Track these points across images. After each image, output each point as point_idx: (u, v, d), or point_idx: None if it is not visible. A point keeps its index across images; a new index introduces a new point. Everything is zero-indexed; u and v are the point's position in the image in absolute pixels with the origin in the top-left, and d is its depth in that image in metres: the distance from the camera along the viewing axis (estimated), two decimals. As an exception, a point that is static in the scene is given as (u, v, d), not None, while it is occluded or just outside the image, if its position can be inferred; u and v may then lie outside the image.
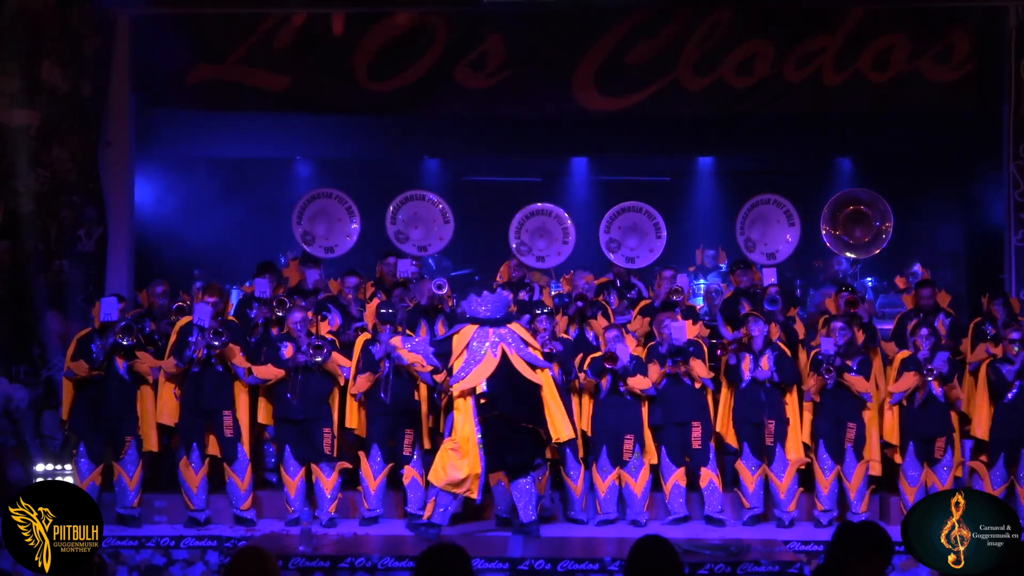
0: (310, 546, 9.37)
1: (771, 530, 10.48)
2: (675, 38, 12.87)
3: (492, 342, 9.78)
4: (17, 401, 11.60)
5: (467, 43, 12.92)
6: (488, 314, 9.88)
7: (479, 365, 9.73)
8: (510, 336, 9.85)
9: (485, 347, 9.77)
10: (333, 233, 13.33)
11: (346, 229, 13.33)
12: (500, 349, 9.76)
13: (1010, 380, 10.46)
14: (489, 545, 9.70)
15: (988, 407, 10.58)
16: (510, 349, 9.78)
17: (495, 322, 9.87)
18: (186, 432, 10.50)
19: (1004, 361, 10.53)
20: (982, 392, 10.59)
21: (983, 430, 10.56)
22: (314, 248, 13.14)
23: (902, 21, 12.78)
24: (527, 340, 9.92)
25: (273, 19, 12.88)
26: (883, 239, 12.82)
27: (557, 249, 13.16)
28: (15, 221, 12.15)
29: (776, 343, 10.77)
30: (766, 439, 10.54)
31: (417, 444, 10.57)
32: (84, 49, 12.55)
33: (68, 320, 12.12)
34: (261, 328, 10.99)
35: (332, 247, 13.29)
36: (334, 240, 13.31)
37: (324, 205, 13.39)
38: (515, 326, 9.99)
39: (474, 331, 9.84)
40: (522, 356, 9.81)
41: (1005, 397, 10.50)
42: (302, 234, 13.21)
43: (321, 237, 13.26)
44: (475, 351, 9.77)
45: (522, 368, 9.78)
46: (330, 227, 13.33)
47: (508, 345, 9.79)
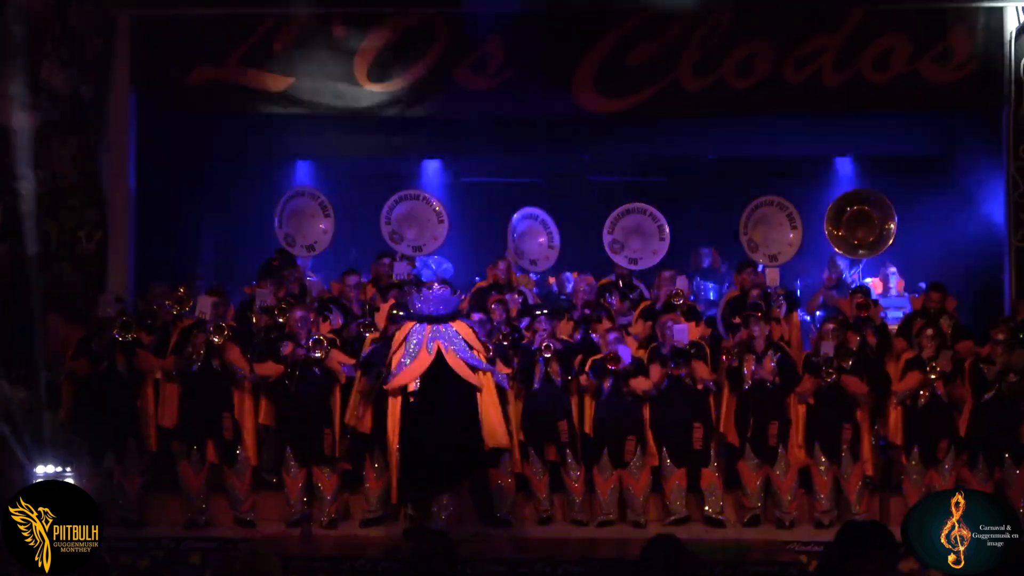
0: (310, 547, 9.37)
1: (771, 531, 10.48)
2: (675, 39, 12.85)
3: (429, 339, 9.46)
4: (17, 402, 11.60)
5: (467, 44, 12.92)
6: (429, 311, 9.58)
7: (413, 362, 9.45)
8: (450, 335, 9.51)
9: (421, 344, 9.47)
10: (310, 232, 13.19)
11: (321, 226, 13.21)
12: (436, 347, 9.44)
13: (991, 380, 10.44)
14: (488, 546, 9.71)
15: (969, 406, 10.59)
16: (446, 348, 9.45)
17: (435, 319, 9.54)
18: (186, 434, 10.49)
19: (987, 361, 10.52)
20: (967, 391, 10.60)
21: (962, 428, 10.57)
22: (297, 249, 13.01)
23: (902, 22, 12.76)
24: (470, 341, 9.58)
25: (273, 20, 12.89)
26: (887, 239, 12.81)
27: (546, 254, 13.11)
28: (15, 222, 12.14)
29: (779, 343, 10.77)
30: (768, 440, 10.54)
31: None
32: (84, 50, 12.54)
33: (68, 322, 12.10)
34: (263, 333, 10.98)
35: (312, 245, 13.17)
36: (313, 238, 13.19)
37: (301, 204, 13.26)
38: (459, 325, 9.62)
39: (412, 327, 9.56)
40: (461, 356, 9.47)
41: (983, 396, 10.50)
42: (285, 237, 13.06)
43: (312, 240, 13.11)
44: (411, 348, 9.48)
45: (458, 368, 9.43)
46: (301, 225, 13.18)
47: (444, 344, 9.46)
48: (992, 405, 10.46)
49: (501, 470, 10.42)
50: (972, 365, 10.56)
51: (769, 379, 10.54)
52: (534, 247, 13.11)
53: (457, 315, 9.78)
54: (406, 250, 12.93)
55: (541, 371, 10.67)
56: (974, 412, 10.53)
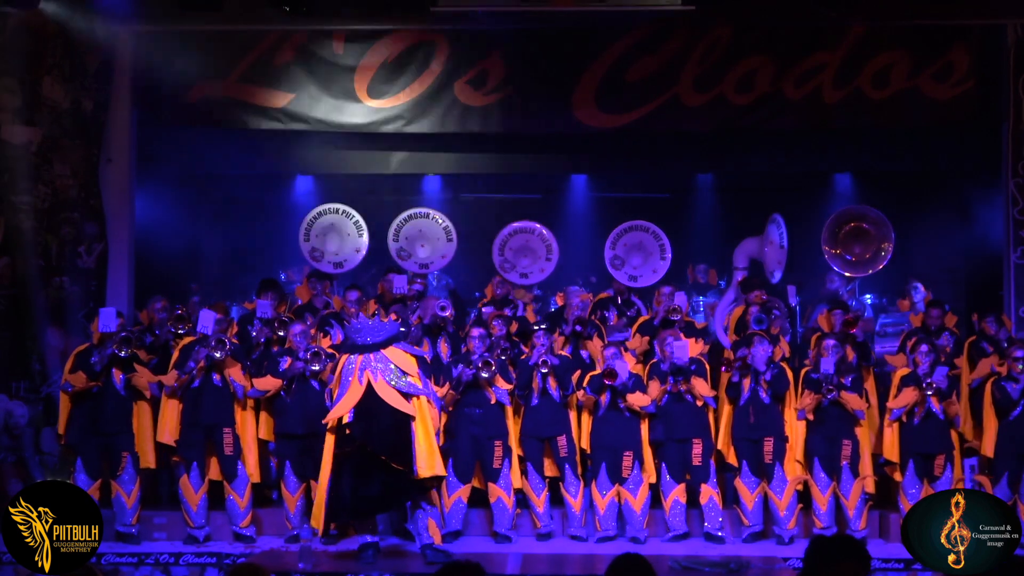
0: (310, 563, 9.36)
1: (770, 547, 10.47)
2: (675, 55, 12.88)
3: (359, 369, 9.37)
4: (17, 417, 11.61)
5: (467, 60, 12.95)
6: (362, 340, 9.47)
7: (345, 394, 9.37)
8: (381, 363, 9.39)
9: (352, 375, 9.38)
10: (343, 248, 13.23)
11: (355, 244, 13.25)
12: (366, 376, 9.35)
13: (1015, 398, 10.45)
14: (488, 562, 9.69)
15: (994, 424, 10.57)
16: (375, 377, 9.33)
17: (368, 348, 9.43)
18: (186, 449, 10.48)
19: (1009, 379, 10.52)
20: (989, 409, 10.57)
21: (990, 448, 10.55)
22: (323, 264, 13.08)
23: (902, 38, 12.78)
24: (403, 367, 9.44)
25: (274, 36, 12.92)
26: (883, 257, 12.80)
27: (540, 266, 13.10)
28: (16, 237, 12.16)
29: (779, 363, 10.76)
30: (765, 457, 10.54)
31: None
32: (86, 65, 12.58)
33: (68, 336, 12.12)
34: (263, 347, 10.99)
35: (342, 262, 13.21)
36: (344, 255, 13.22)
37: (332, 221, 13.30)
38: (392, 351, 9.47)
39: (346, 359, 9.50)
40: (392, 384, 9.36)
41: (1010, 415, 10.50)
42: (310, 250, 13.14)
43: (331, 253, 13.17)
44: (345, 380, 9.42)
45: (389, 397, 9.33)
46: (341, 243, 13.24)
47: (374, 373, 9.35)
48: (1021, 422, 10.45)
49: (500, 486, 10.45)
50: (994, 384, 10.55)
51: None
52: (525, 261, 13.08)
53: (392, 341, 9.58)
54: (414, 267, 12.95)
55: (539, 386, 10.67)
56: (1001, 429, 10.50)
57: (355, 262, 13.22)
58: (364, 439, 9.33)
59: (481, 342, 10.60)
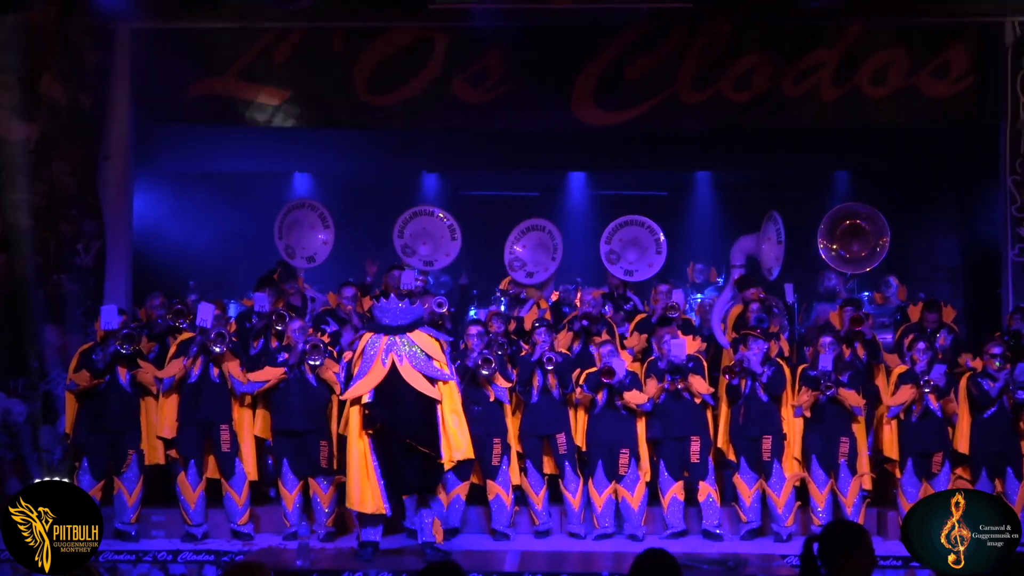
0: (307, 560, 9.37)
1: (768, 544, 10.48)
2: (673, 52, 12.88)
3: (384, 350, 9.41)
4: (15, 415, 11.60)
5: (466, 58, 12.95)
6: (387, 321, 9.51)
7: (367, 374, 9.40)
8: (407, 345, 9.43)
9: (376, 355, 9.41)
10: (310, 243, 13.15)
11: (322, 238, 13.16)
12: (391, 359, 9.40)
13: (993, 396, 10.43)
14: (486, 559, 9.70)
15: (968, 421, 10.54)
16: (400, 360, 9.37)
17: (394, 330, 9.47)
18: (184, 446, 10.47)
19: (985, 376, 10.51)
20: (963, 406, 10.56)
21: (964, 444, 10.54)
22: (297, 260, 13.00)
23: (900, 37, 12.79)
24: (429, 351, 9.49)
25: (273, 33, 12.92)
26: (880, 254, 12.80)
27: (545, 265, 13.08)
28: (14, 235, 12.15)
29: (775, 360, 10.77)
30: (763, 455, 10.55)
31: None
32: (84, 63, 12.57)
33: (66, 334, 12.12)
34: (261, 342, 10.98)
35: (312, 256, 13.14)
36: (313, 250, 13.15)
37: (300, 216, 13.24)
38: (419, 335, 9.52)
39: (369, 338, 9.52)
40: (417, 368, 9.37)
41: (985, 412, 10.48)
42: (285, 247, 13.05)
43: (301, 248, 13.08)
44: (367, 359, 9.44)
45: (414, 380, 9.34)
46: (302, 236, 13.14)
47: (400, 355, 9.38)
48: (993, 420, 10.45)
49: (499, 483, 10.46)
50: (969, 379, 10.55)
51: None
52: (531, 256, 13.09)
53: (417, 324, 9.63)
54: (418, 264, 12.95)
55: (539, 383, 10.68)
56: (975, 426, 10.50)
57: (324, 255, 13.14)
58: (390, 424, 9.34)
59: (479, 339, 10.60)
